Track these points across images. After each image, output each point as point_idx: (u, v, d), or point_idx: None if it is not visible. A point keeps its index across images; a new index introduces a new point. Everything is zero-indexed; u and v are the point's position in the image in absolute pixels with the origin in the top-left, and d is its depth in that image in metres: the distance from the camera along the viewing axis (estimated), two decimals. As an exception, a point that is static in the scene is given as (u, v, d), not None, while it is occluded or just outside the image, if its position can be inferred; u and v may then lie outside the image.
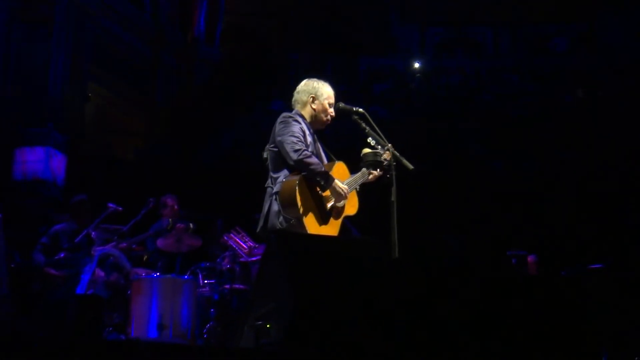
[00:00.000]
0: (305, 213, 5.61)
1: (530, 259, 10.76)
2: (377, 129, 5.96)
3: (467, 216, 13.43)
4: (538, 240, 12.25)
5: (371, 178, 6.08)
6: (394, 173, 5.76)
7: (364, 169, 6.07)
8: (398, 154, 5.85)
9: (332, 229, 5.83)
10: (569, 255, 11.59)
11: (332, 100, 6.17)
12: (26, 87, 14.08)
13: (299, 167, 5.69)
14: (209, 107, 18.92)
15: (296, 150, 5.67)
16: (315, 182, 5.73)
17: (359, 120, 5.98)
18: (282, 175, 5.79)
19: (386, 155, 5.91)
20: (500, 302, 4.48)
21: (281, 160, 5.83)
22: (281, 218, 5.64)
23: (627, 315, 7.21)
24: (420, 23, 23.20)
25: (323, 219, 5.76)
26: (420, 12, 23.13)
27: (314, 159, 5.73)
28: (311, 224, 5.62)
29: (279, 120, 5.96)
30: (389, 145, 5.96)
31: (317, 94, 6.13)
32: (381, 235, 5.29)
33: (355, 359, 4.00)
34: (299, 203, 5.57)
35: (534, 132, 16.80)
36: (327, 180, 5.74)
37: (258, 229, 5.90)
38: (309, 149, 5.80)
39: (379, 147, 5.90)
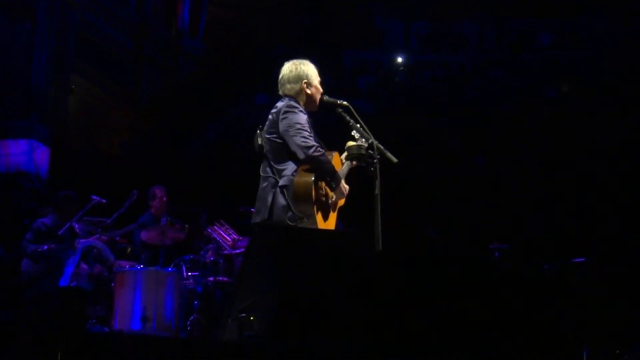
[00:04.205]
0: (316, 209, 5.57)
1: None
2: (361, 122, 5.94)
3: (450, 210, 13.47)
4: (521, 234, 12.30)
5: (353, 164, 6.03)
6: (377, 166, 5.73)
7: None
8: (382, 148, 5.82)
9: (332, 221, 5.85)
10: (551, 249, 11.64)
11: (319, 78, 6.09)
12: (9, 80, 14.01)
13: (310, 163, 5.59)
14: (193, 101, 18.89)
15: (309, 147, 5.56)
16: (324, 179, 5.67)
17: (343, 114, 5.93)
18: (289, 168, 5.66)
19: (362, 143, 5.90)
20: (481, 296, 4.49)
21: (286, 152, 5.71)
22: (290, 214, 5.51)
23: (610, 309, 7.25)
24: (404, 17, 23.21)
25: (327, 213, 5.75)
26: (405, 6, 23.14)
27: (326, 157, 5.66)
28: (320, 219, 5.60)
29: (282, 109, 5.80)
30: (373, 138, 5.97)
31: (309, 77, 6.01)
32: (365, 228, 5.30)
33: (338, 352, 4.01)
34: (313, 199, 5.52)
35: (517, 126, 16.86)
36: (335, 179, 5.69)
37: (258, 220, 5.69)
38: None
39: (363, 140, 5.88)
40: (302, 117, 5.76)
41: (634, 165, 13.70)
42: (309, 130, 5.70)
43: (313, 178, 5.55)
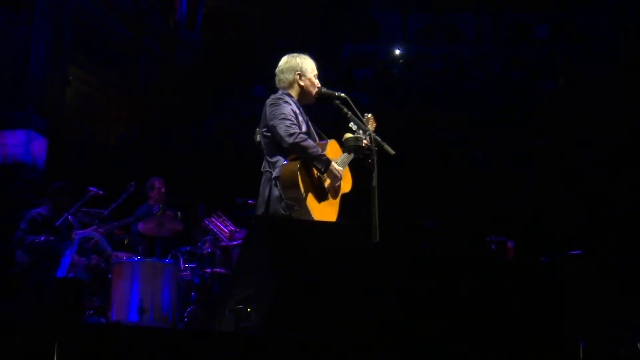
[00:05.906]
0: (307, 195, 5.53)
1: (509, 245, 10.78)
2: (359, 114, 5.95)
3: (448, 202, 13.47)
4: (518, 227, 12.30)
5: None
6: (375, 158, 5.74)
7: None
8: (380, 139, 5.83)
9: (332, 208, 5.80)
10: (548, 241, 11.66)
11: (316, 72, 6.08)
12: (6, 71, 14.00)
13: (293, 151, 5.59)
14: (190, 92, 18.89)
15: (290, 134, 5.57)
16: (312, 164, 5.64)
17: (341, 105, 5.93)
18: (281, 159, 5.67)
19: (366, 141, 5.90)
20: (479, 288, 4.50)
21: (276, 144, 5.71)
22: (283, 204, 5.52)
23: (606, 302, 7.26)
24: (402, 9, 23.22)
25: (323, 199, 5.71)
26: (403, -2, 23.17)
27: (309, 142, 5.64)
28: (313, 206, 5.56)
29: (268, 102, 5.84)
30: (371, 130, 5.97)
31: (303, 69, 6.01)
32: (362, 219, 5.30)
33: (334, 344, 4.02)
34: (301, 185, 5.49)
35: (514, 119, 16.88)
36: (323, 163, 5.64)
37: (258, 213, 5.72)
38: (302, 129, 5.74)
39: (361, 132, 5.88)
40: (286, 108, 5.76)
41: (631, 158, 13.71)
42: (292, 119, 5.70)
43: (298, 165, 5.55)
